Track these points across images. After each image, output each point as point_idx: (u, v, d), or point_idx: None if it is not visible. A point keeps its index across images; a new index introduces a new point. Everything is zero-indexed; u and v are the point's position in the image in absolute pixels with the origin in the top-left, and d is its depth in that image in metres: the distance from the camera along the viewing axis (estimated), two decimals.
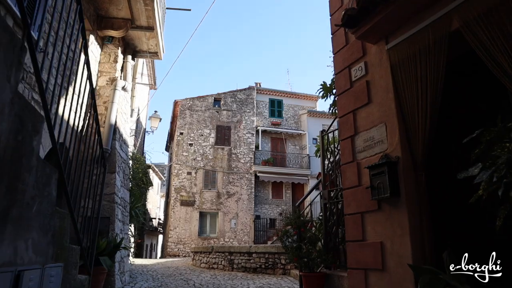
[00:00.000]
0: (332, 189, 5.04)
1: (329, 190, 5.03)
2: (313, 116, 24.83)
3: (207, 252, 10.83)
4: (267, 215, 22.88)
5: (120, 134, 6.78)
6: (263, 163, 23.05)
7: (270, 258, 8.78)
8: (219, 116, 23.20)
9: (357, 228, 3.38)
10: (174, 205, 21.25)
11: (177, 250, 20.44)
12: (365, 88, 3.52)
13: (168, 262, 14.94)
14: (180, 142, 22.29)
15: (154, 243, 37.06)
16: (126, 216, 7.07)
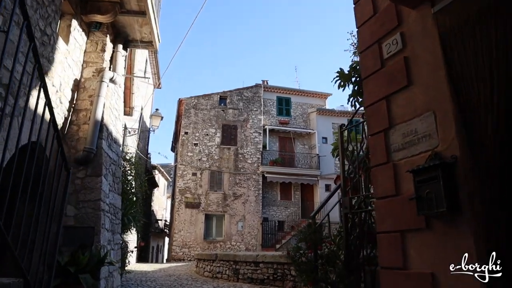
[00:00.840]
0: (354, 196, 4.20)
1: (350, 198, 4.19)
2: (322, 114, 23.94)
3: (210, 260, 10.05)
4: (275, 217, 22.05)
5: (108, 132, 6.00)
6: (271, 163, 22.22)
7: (279, 269, 7.97)
8: (225, 115, 22.42)
9: (395, 252, 2.54)
10: (179, 207, 20.52)
11: (182, 254, 19.69)
12: (402, 67, 2.68)
13: (171, 268, 14.18)
14: (185, 142, 21.55)
15: (161, 245, 36.45)
16: (117, 224, 6.30)
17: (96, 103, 5.57)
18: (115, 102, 6.59)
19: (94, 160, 5.43)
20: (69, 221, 5.18)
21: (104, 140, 5.66)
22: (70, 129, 5.57)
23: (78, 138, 5.54)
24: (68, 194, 5.23)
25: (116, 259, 6.13)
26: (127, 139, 15.46)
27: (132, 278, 9.69)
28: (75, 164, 5.39)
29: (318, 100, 25.11)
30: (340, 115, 24.34)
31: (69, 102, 5.57)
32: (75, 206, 5.24)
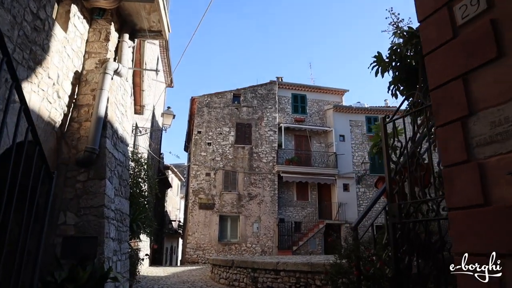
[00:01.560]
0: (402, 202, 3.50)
1: (399, 204, 3.49)
2: (339, 111, 23.14)
3: (227, 267, 9.43)
4: (292, 218, 21.35)
5: (114, 130, 5.41)
6: (287, 162, 21.53)
7: (301, 278, 7.30)
8: (238, 113, 21.80)
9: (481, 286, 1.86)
10: (193, 208, 19.97)
11: (196, 257, 19.14)
12: (488, 33, 2.00)
13: (185, 273, 13.62)
14: (198, 142, 20.99)
15: (175, 246, 36.06)
16: (125, 231, 5.71)
17: (98, 97, 4.98)
18: (121, 97, 6.00)
19: (97, 161, 4.85)
20: (69, 231, 4.60)
21: (108, 139, 5.07)
22: (71, 127, 5.00)
23: (79, 137, 4.96)
24: (68, 200, 4.67)
25: (124, 270, 5.55)
26: (138, 139, 14.95)
27: (144, 286, 9.13)
28: (75, 166, 4.81)
29: (335, 97, 24.30)
30: (358, 112, 23.52)
31: (69, 97, 5.00)
32: (75, 214, 4.66)
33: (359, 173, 22.33)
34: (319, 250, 20.36)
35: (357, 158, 22.69)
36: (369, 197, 22.17)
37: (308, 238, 20.37)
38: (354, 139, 23.08)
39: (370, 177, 22.45)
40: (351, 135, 23.10)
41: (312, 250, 20.18)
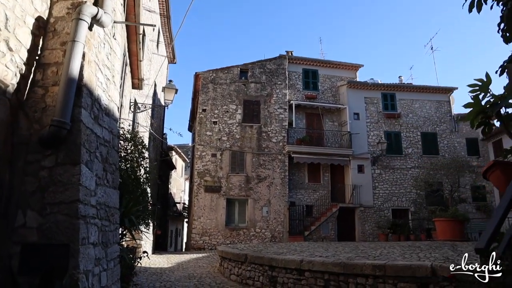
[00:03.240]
0: None
1: None
2: (353, 87, 21.62)
3: (238, 262, 8.19)
4: (303, 201, 20.13)
5: (94, 99, 4.05)
6: (298, 142, 20.16)
7: (331, 281, 6.04)
8: (246, 90, 20.33)
9: None
10: (198, 191, 18.76)
11: (202, 243, 18.03)
12: None
13: (191, 262, 12.48)
14: (203, 120, 19.62)
15: (180, 229, 35.22)
16: (113, 230, 4.42)
17: (70, 51, 3.60)
18: (106, 57, 4.61)
19: (68, 140, 3.51)
20: (30, 236, 3.31)
21: (84, 110, 3.72)
22: (33, 93, 3.65)
23: (45, 107, 3.61)
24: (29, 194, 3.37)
25: (112, 281, 4.29)
26: (138, 117, 13.61)
27: (144, 283, 7.94)
28: (39, 147, 3.49)
29: (348, 73, 22.71)
30: (374, 88, 21.99)
31: (29, 52, 3.62)
32: (39, 212, 3.35)
33: (375, 154, 20.96)
34: (332, 235, 19.20)
35: (372, 138, 21.28)
36: (385, 179, 20.88)
37: (321, 222, 19.18)
38: (370, 117, 21.61)
39: (387, 158, 21.12)
40: (366, 113, 21.62)
41: (325, 235, 19.02)
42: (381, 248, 9.06)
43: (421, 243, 11.60)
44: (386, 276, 5.50)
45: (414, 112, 22.28)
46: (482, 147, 22.32)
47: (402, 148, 21.59)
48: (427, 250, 8.10)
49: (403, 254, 7.27)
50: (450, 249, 8.38)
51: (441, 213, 12.73)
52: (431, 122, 22.34)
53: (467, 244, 10.13)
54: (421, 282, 5.25)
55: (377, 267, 5.58)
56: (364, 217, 20.09)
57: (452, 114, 22.71)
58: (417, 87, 22.64)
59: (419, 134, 21.98)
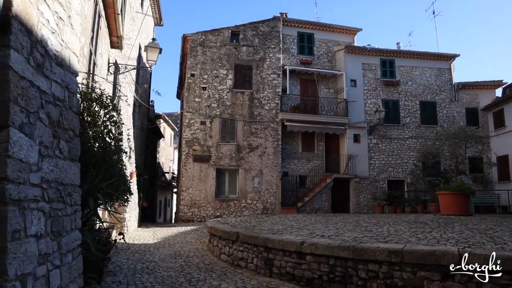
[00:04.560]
0: None
1: None
2: (351, 52, 20.46)
3: (229, 240, 7.34)
4: (296, 171, 19.34)
5: (35, 40, 2.97)
6: (292, 109, 19.15)
7: (338, 266, 5.21)
8: (237, 54, 19.06)
9: None
10: (186, 161, 17.80)
11: (191, 215, 17.24)
12: None
13: (178, 237, 11.68)
14: (191, 86, 18.42)
15: (169, 199, 34.55)
16: (70, 214, 3.46)
17: None
18: None
19: None
20: None
21: (17, 52, 2.66)
22: None
23: None
24: None
25: (71, 277, 3.36)
26: (119, 80, 12.42)
27: (124, 264, 7.08)
28: None
29: (345, 37, 21.46)
30: (373, 53, 20.86)
31: None
32: None
33: (372, 123, 20.09)
34: (326, 207, 18.56)
35: (369, 106, 20.34)
36: (381, 149, 20.12)
37: (315, 193, 18.48)
38: (367, 84, 20.59)
39: (384, 127, 20.30)
40: (363, 80, 20.58)
41: (319, 207, 18.38)
42: (386, 225, 8.29)
43: (424, 217, 10.89)
44: (404, 263, 4.68)
45: (413, 80, 21.30)
46: (482, 117, 21.57)
47: (400, 117, 20.74)
48: (438, 228, 7.34)
49: (414, 233, 6.47)
50: (462, 227, 7.63)
51: (445, 186, 12.00)
52: (431, 90, 21.42)
53: (475, 220, 9.44)
54: (445, 272, 4.44)
55: (393, 253, 4.75)
56: (359, 188, 19.43)
57: (452, 83, 21.79)
58: (418, 53, 21.55)
59: (418, 103, 21.09)
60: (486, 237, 5.76)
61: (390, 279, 4.76)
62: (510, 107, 20.25)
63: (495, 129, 21.14)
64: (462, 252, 4.38)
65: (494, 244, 5.04)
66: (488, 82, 22.29)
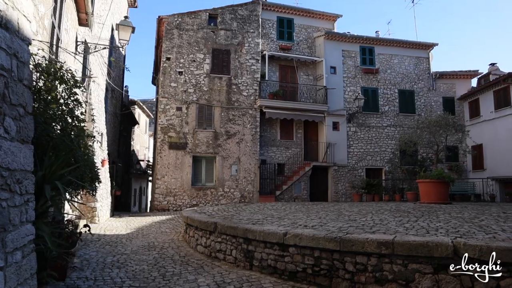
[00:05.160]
0: None
1: None
2: (331, 39, 20.11)
3: (206, 231, 6.91)
4: (275, 159, 19.02)
5: None
6: (270, 96, 18.72)
7: (323, 259, 4.87)
8: (215, 38, 18.41)
9: None
10: (162, 148, 17.17)
11: (167, 203, 16.70)
12: None
13: (153, 227, 11.16)
14: (167, 70, 17.71)
15: (144, 187, 33.78)
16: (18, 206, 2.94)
17: None
18: None
19: None
20: None
21: None
22: None
23: None
24: None
25: (18, 280, 2.86)
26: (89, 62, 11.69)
27: (92, 258, 6.56)
28: None
29: (326, 23, 21.08)
30: (353, 40, 20.58)
31: None
32: None
33: (351, 111, 19.90)
34: (305, 195, 18.35)
35: (349, 94, 20.12)
36: (360, 137, 20.00)
37: (293, 181, 18.23)
38: (347, 71, 20.34)
39: (363, 115, 20.15)
40: (343, 67, 20.31)
41: (297, 195, 18.15)
42: (369, 214, 8.04)
43: (405, 205, 10.75)
44: (395, 255, 4.37)
45: (392, 68, 21.19)
46: (458, 107, 21.72)
47: (379, 105, 20.63)
48: (423, 217, 7.12)
49: (400, 222, 6.20)
50: (446, 215, 7.44)
51: (426, 174, 11.89)
52: (409, 79, 21.39)
53: (456, 208, 9.33)
54: (438, 264, 4.16)
55: (383, 244, 4.43)
56: (338, 177, 19.29)
57: (430, 72, 21.81)
58: (397, 41, 21.40)
59: (396, 92, 21.02)
60: (475, 226, 5.54)
61: (380, 272, 4.45)
62: (485, 97, 20.43)
63: (470, 118, 21.34)
64: (456, 243, 4.10)
65: (485, 234, 4.80)
66: (465, 71, 22.45)
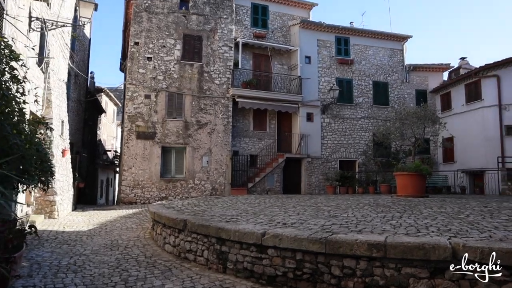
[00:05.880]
0: None
1: None
2: (306, 28, 19.64)
3: (175, 229, 6.29)
4: (247, 150, 18.47)
5: None
6: (244, 85, 18.10)
7: (306, 262, 4.36)
8: (187, 22, 17.55)
9: None
10: (129, 138, 16.26)
11: (134, 196, 15.87)
12: None
13: (117, 222, 10.40)
14: (135, 55, 16.73)
15: (111, 178, 32.56)
16: None
17: None
18: None
19: None
20: None
21: None
22: None
23: None
24: None
25: None
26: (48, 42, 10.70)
27: (45, 260, 5.83)
28: None
29: (301, 11, 20.58)
30: (329, 30, 20.18)
31: None
32: None
33: (325, 102, 19.56)
34: (278, 188, 17.93)
35: (323, 84, 19.75)
36: (334, 129, 19.72)
37: (266, 173, 17.76)
38: (322, 61, 19.94)
39: (337, 106, 19.86)
40: (318, 57, 19.89)
41: (270, 188, 17.71)
42: (348, 209, 7.61)
43: (382, 199, 10.44)
44: (387, 258, 3.91)
45: (367, 59, 20.96)
46: (430, 100, 21.78)
47: (353, 97, 20.39)
48: (406, 212, 6.74)
49: (384, 219, 5.78)
50: (429, 210, 7.12)
51: (403, 167, 11.66)
52: (384, 71, 21.25)
53: (435, 202, 9.08)
54: (435, 267, 3.73)
55: (374, 246, 3.96)
56: (311, 169, 18.96)
57: (404, 64, 21.77)
58: (372, 32, 21.16)
59: (371, 83, 20.84)
60: (464, 223, 5.18)
61: (370, 277, 3.99)
62: (456, 91, 20.56)
63: (442, 111, 21.44)
64: (454, 245, 3.68)
65: (480, 232, 4.43)
66: (437, 65, 22.55)
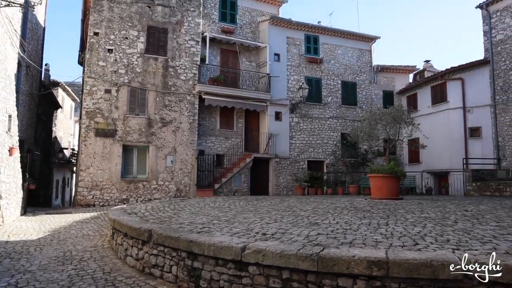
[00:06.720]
0: None
1: None
2: (276, 24, 19.16)
3: (139, 240, 5.53)
4: (214, 150, 17.77)
5: None
6: (211, 81, 17.37)
7: (294, 281, 3.77)
8: (151, 14, 16.58)
9: None
10: (87, 135, 15.12)
11: (92, 198, 14.76)
12: None
13: (72, 229, 9.42)
14: (95, 46, 15.60)
15: (68, 178, 30.86)
16: None
17: None
18: None
19: None
20: None
21: None
22: None
23: None
24: None
25: None
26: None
27: None
28: None
29: (271, 7, 20.09)
30: (298, 27, 19.79)
31: None
32: None
33: (294, 100, 19.16)
34: (245, 188, 17.34)
35: (292, 83, 19.35)
36: (303, 128, 19.36)
37: (233, 174, 17.11)
38: (291, 60, 19.53)
39: (306, 105, 19.51)
40: (287, 54, 19.47)
41: (237, 188, 17.09)
42: (327, 214, 7.11)
43: (357, 201, 10.04)
44: (389, 277, 3.40)
45: (336, 58, 20.77)
46: (397, 101, 21.89)
47: (322, 96, 20.14)
48: (389, 218, 6.30)
49: (371, 227, 5.30)
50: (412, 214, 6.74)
51: (378, 168, 11.36)
52: (352, 71, 21.15)
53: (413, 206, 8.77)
54: (442, 287, 3.26)
55: (375, 264, 3.42)
56: (279, 169, 18.50)
57: (372, 65, 21.80)
58: (342, 31, 20.99)
59: (339, 83, 20.67)
60: (459, 232, 4.78)
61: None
62: (423, 92, 20.77)
63: (408, 112, 21.56)
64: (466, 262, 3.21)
65: (481, 244, 4.02)
66: (404, 66, 22.76)
